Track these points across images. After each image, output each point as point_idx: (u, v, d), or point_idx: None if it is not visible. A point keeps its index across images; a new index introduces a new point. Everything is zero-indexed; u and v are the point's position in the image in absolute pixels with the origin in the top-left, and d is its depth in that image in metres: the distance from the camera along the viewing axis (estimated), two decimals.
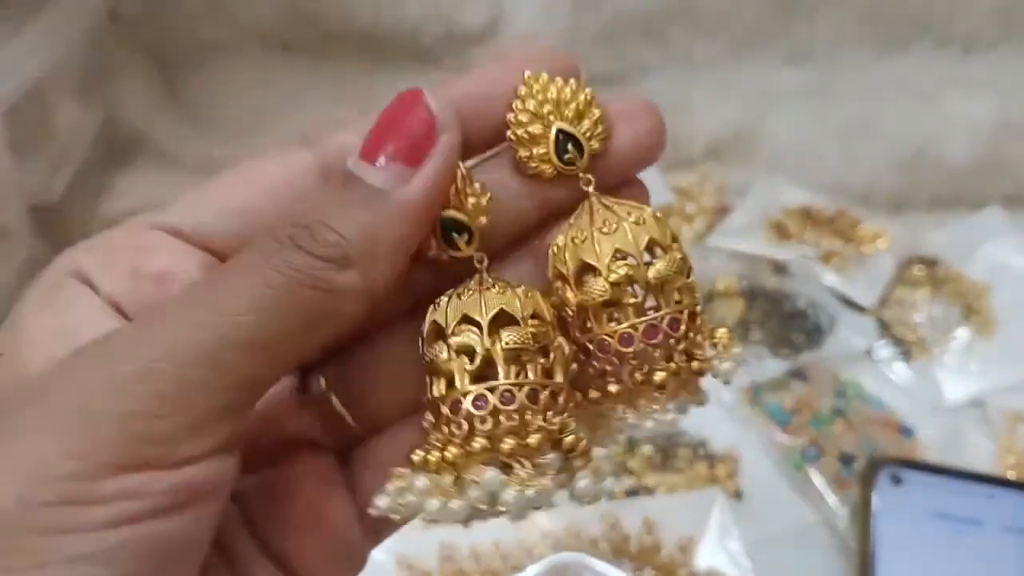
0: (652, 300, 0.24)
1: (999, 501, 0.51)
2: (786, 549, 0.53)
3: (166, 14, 0.76)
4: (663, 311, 0.24)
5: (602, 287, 0.24)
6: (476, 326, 0.23)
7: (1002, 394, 0.61)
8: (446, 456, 0.22)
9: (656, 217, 0.25)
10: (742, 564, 0.50)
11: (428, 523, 0.22)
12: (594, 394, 0.25)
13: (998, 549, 0.50)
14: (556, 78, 0.25)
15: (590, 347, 0.24)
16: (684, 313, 0.24)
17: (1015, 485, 0.54)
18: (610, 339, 0.24)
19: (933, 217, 0.74)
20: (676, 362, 0.24)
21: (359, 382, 0.26)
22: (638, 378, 0.24)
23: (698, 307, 0.25)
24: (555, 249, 0.25)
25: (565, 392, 0.24)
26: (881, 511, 0.51)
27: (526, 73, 0.25)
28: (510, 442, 0.22)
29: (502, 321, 0.23)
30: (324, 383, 0.27)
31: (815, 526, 0.54)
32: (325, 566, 0.26)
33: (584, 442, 0.23)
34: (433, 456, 0.23)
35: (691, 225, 0.72)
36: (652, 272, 0.24)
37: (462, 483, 0.22)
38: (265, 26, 0.78)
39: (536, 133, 0.25)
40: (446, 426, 0.23)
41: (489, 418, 0.22)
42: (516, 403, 0.22)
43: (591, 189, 0.25)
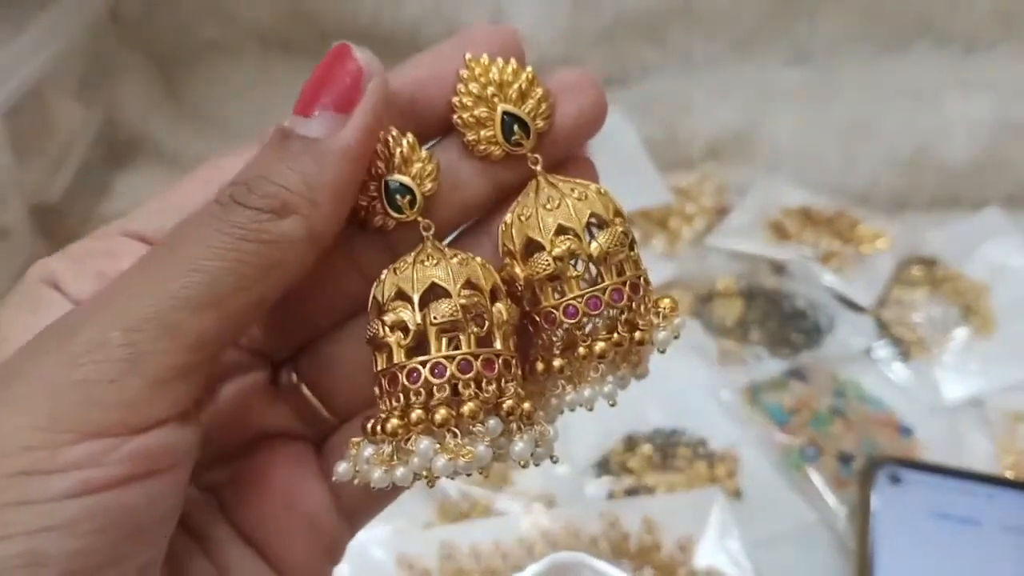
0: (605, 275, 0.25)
1: (998, 501, 0.52)
2: (785, 548, 0.53)
3: (166, 14, 0.77)
4: (605, 283, 0.25)
5: (546, 261, 0.25)
6: (408, 301, 0.24)
7: (1001, 394, 0.61)
8: (386, 427, 0.23)
9: (600, 193, 0.26)
10: (741, 563, 0.50)
11: (387, 487, 0.24)
12: (540, 367, 0.25)
13: (997, 549, 0.50)
14: (497, 59, 0.26)
15: (537, 320, 0.25)
16: (626, 285, 0.25)
17: (1014, 485, 0.54)
18: (556, 312, 0.25)
19: (932, 217, 0.74)
20: (618, 332, 0.25)
21: (331, 373, 0.27)
22: (581, 352, 0.25)
23: (642, 279, 0.25)
24: (503, 227, 0.26)
25: (504, 358, 0.24)
26: (880, 511, 0.51)
27: (467, 56, 0.25)
28: (443, 412, 0.23)
29: (436, 294, 0.24)
30: (295, 376, 0.27)
31: (814, 525, 0.54)
32: (301, 551, 0.27)
33: (526, 406, 0.24)
34: (379, 427, 0.23)
35: (691, 225, 0.72)
36: (594, 246, 0.25)
37: (401, 453, 0.23)
38: (265, 26, 0.78)
39: (482, 116, 0.25)
40: (389, 398, 0.24)
41: (426, 390, 0.23)
42: (447, 375, 0.23)
43: (538, 168, 0.26)
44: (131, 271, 0.22)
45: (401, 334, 0.24)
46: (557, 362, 0.25)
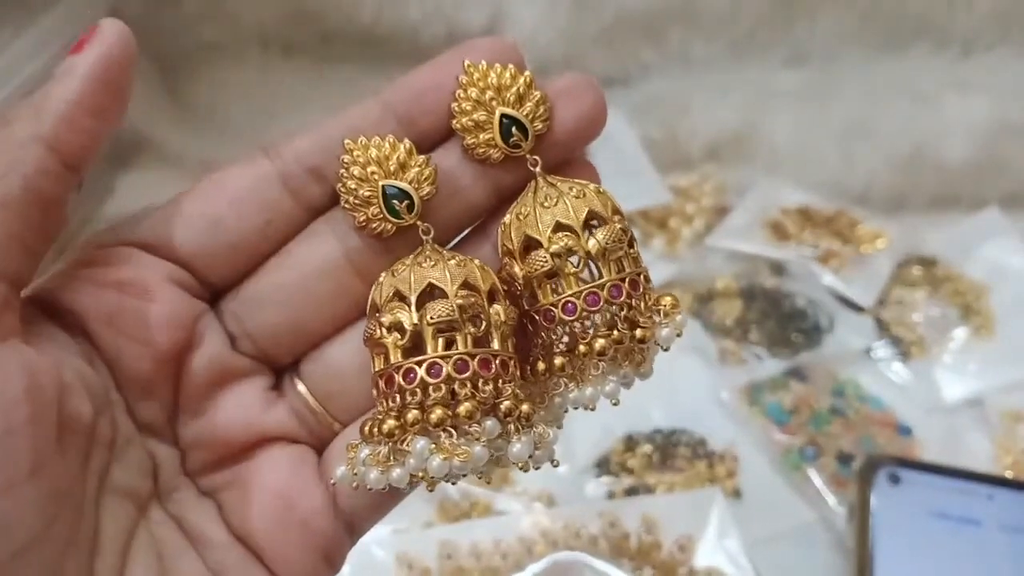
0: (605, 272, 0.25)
1: (997, 500, 0.52)
2: (785, 548, 0.53)
3: (167, 14, 0.77)
4: (604, 279, 0.25)
5: (543, 258, 0.25)
6: (405, 302, 0.24)
7: (1000, 394, 0.61)
8: (383, 428, 0.23)
9: (598, 191, 0.26)
10: (741, 563, 0.50)
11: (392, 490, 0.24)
12: (540, 366, 0.25)
13: (996, 548, 0.50)
14: (495, 65, 0.26)
15: (537, 318, 0.25)
16: (626, 281, 0.25)
17: (1013, 484, 0.54)
18: (554, 309, 0.25)
19: (931, 217, 0.74)
20: (619, 329, 0.25)
21: (333, 378, 0.27)
22: (582, 349, 0.25)
23: (641, 276, 0.25)
24: (502, 227, 0.26)
25: (501, 358, 0.24)
26: (879, 510, 0.51)
27: (465, 62, 0.26)
28: (439, 412, 0.23)
29: (434, 295, 0.24)
30: (298, 381, 0.28)
31: (814, 525, 0.54)
32: (298, 556, 0.27)
33: (524, 407, 0.24)
34: (375, 428, 0.24)
35: (690, 225, 0.72)
36: (592, 242, 0.25)
37: (397, 453, 0.23)
38: (266, 27, 0.78)
39: (481, 120, 0.26)
40: (386, 399, 0.24)
41: (422, 390, 0.23)
42: (443, 375, 0.23)
43: (538, 169, 0.26)
44: None
45: (398, 334, 0.24)
46: (558, 360, 0.25)
